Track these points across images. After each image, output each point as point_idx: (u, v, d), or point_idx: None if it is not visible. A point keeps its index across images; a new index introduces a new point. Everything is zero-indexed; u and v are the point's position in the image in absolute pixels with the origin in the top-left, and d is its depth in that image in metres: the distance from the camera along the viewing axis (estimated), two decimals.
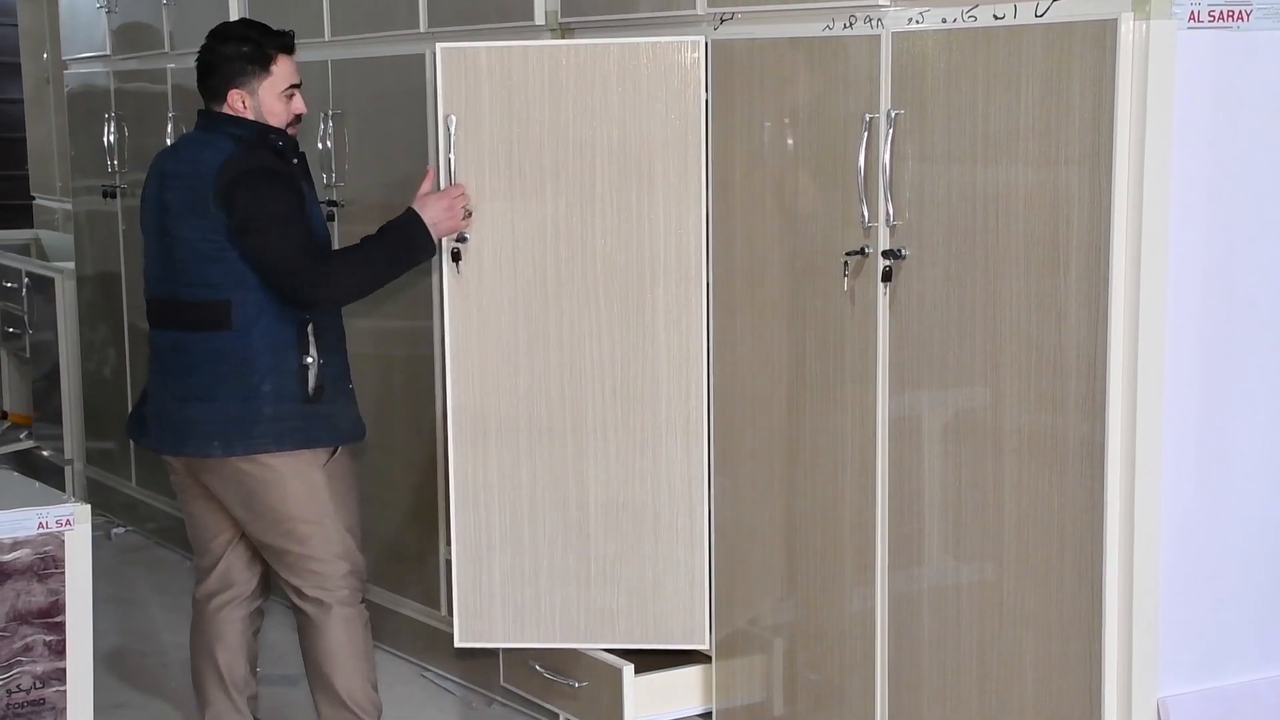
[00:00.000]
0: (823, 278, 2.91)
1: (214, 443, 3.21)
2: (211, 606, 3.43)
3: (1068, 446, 2.54)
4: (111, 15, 5.18)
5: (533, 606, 3.33)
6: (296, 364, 3.21)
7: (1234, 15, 2.47)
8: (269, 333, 3.18)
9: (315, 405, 3.23)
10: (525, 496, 3.30)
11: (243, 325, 3.17)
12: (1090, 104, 2.45)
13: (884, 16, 2.75)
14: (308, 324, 3.21)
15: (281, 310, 3.19)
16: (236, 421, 3.19)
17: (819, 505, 2.98)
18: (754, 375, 3.09)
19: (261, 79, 3.24)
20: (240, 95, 3.24)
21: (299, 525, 3.25)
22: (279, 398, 3.20)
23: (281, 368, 3.20)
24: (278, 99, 3.26)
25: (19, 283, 5.92)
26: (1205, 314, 2.55)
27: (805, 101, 2.92)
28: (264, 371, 3.19)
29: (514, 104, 3.21)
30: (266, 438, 3.20)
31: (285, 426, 3.21)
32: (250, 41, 3.25)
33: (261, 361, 3.19)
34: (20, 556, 3.05)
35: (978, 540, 2.69)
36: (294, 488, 3.23)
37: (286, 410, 3.21)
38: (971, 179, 2.64)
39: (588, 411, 3.27)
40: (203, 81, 3.30)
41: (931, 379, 2.75)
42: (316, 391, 3.22)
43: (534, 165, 3.22)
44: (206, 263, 3.18)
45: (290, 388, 3.21)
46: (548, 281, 3.26)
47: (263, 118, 3.25)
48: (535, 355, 3.27)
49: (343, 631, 3.30)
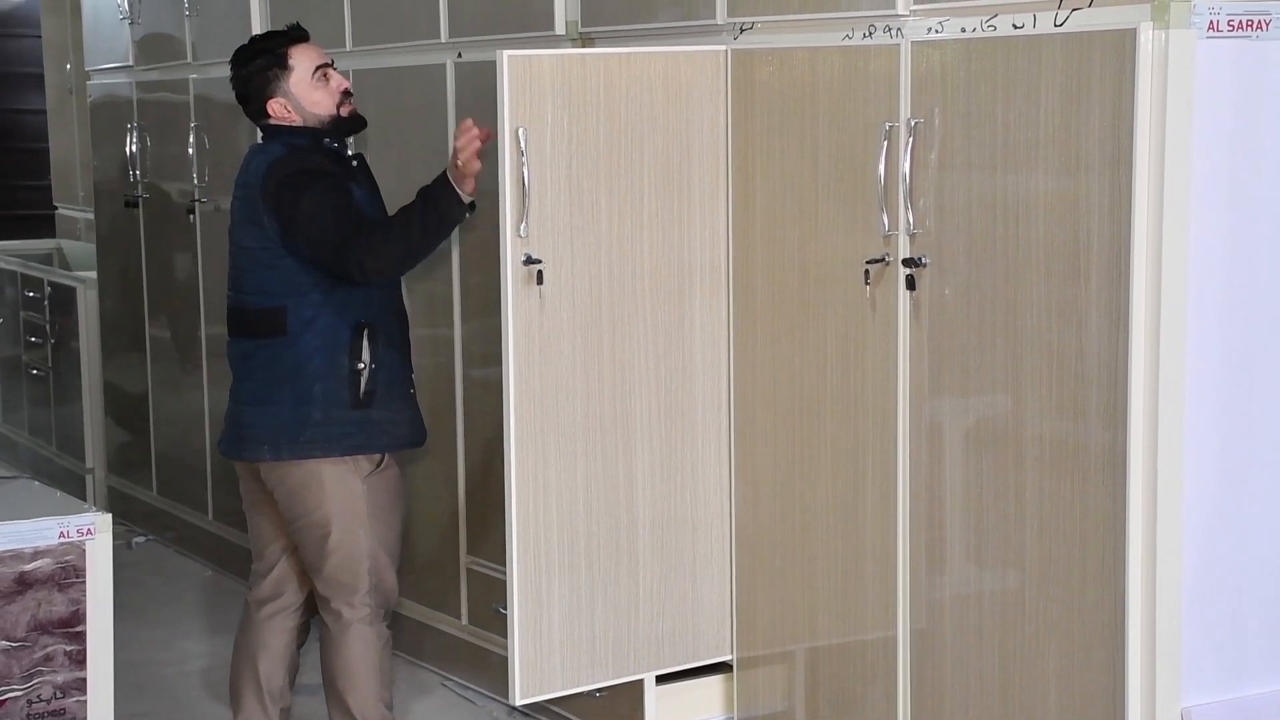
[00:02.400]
0: (843, 286, 2.91)
1: (264, 446, 3.23)
2: (262, 614, 3.41)
3: (1089, 454, 2.54)
4: (134, 26, 5.21)
5: (588, 644, 3.21)
6: (349, 368, 3.20)
7: (1253, 25, 2.47)
8: (322, 337, 3.20)
9: (367, 411, 3.22)
10: (581, 524, 3.18)
11: (297, 330, 3.19)
12: (1110, 113, 2.45)
13: (904, 26, 2.75)
14: (363, 329, 3.21)
15: (336, 315, 3.19)
16: (286, 426, 3.20)
17: (840, 513, 2.98)
18: (775, 384, 3.09)
19: (285, 77, 3.25)
20: (277, 103, 3.26)
21: (330, 535, 3.24)
22: (329, 402, 3.20)
23: (333, 372, 3.20)
24: (311, 87, 3.26)
25: (41, 292, 5.94)
26: (1226, 321, 2.54)
27: (825, 110, 2.92)
28: (315, 376, 3.20)
29: (572, 114, 3.11)
30: (314, 443, 3.20)
31: (334, 432, 3.21)
32: (259, 52, 3.29)
33: (313, 365, 3.20)
34: (41, 566, 3.05)
35: (1000, 548, 2.69)
36: (331, 496, 3.23)
37: (336, 415, 3.21)
38: (992, 187, 2.64)
39: (635, 428, 3.24)
40: (245, 109, 3.34)
41: (952, 387, 2.75)
42: (367, 397, 3.22)
43: (590, 176, 3.16)
44: (262, 270, 3.21)
45: (341, 393, 3.20)
46: (602, 298, 3.18)
47: (309, 112, 3.25)
48: (590, 374, 3.18)
49: (359, 649, 3.28)
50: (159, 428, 5.28)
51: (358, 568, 3.26)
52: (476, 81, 3.77)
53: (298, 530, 3.28)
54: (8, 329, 6.33)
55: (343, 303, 3.20)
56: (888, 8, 2.76)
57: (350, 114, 3.30)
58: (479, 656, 3.91)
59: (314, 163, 3.20)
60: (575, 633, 3.18)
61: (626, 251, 3.19)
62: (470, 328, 3.86)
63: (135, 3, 5.17)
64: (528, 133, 3.02)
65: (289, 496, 3.26)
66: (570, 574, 3.16)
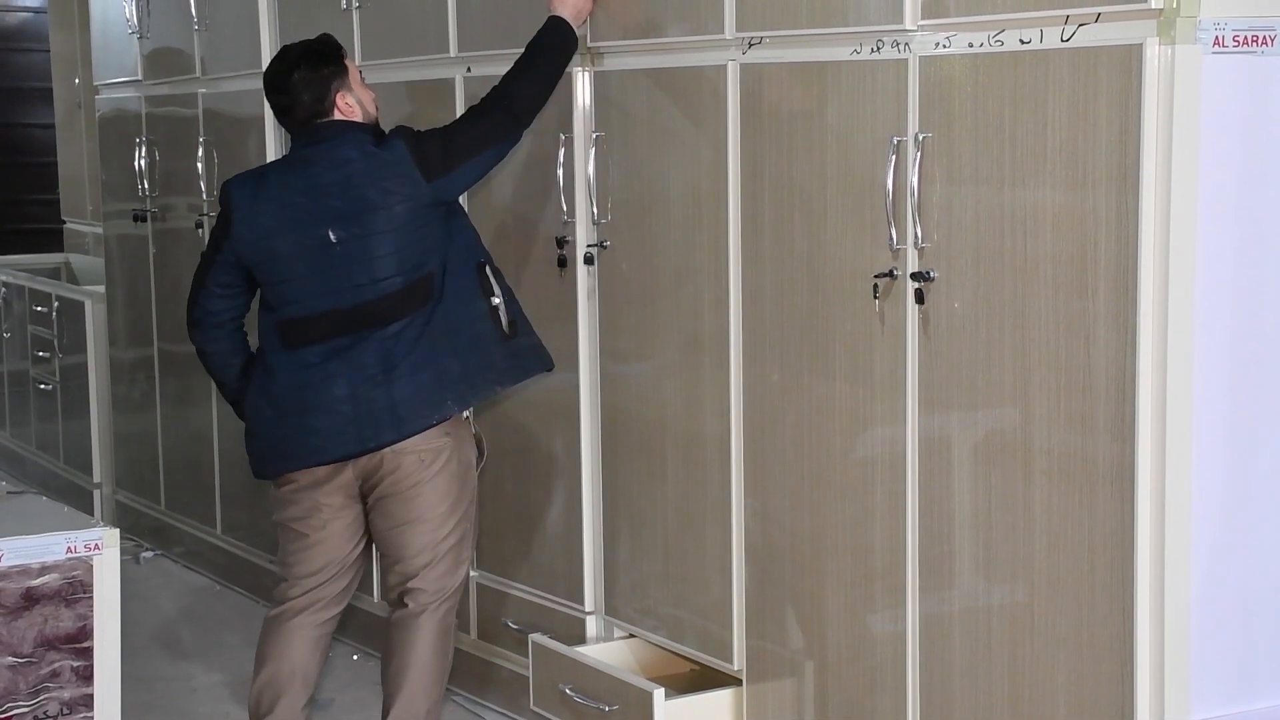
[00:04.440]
0: (852, 300, 2.91)
1: (447, 402, 3.26)
2: (294, 623, 3.36)
3: (1098, 468, 2.54)
4: (143, 41, 5.23)
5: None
6: (487, 307, 3.32)
7: (1259, 40, 2.48)
8: (460, 285, 3.30)
9: (515, 340, 3.35)
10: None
11: (441, 289, 3.28)
12: (1117, 127, 2.46)
13: (911, 41, 2.76)
14: (483, 267, 3.34)
15: (462, 262, 3.31)
16: (459, 376, 3.27)
17: (849, 526, 2.98)
18: (784, 397, 3.10)
19: (346, 79, 3.34)
20: (344, 97, 3.34)
21: (454, 528, 3.32)
22: (490, 342, 3.31)
23: (478, 314, 3.31)
24: (364, 88, 3.40)
25: (49, 307, 5.96)
26: (1233, 334, 2.54)
27: (833, 125, 2.93)
28: (470, 322, 3.29)
29: (648, 125, 3.29)
30: (492, 381, 3.33)
31: (501, 367, 3.33)
32: (315, 53, 3.35)
33: (463, 314, 3.29)
34: (48, 581, 3.05)
35: (1008, 562, 2.69)
36: (460, 487, 3.32)
37: (496, 351, 3.32)
38: (999, 201, 2.65)
39: (665, 432, 3.30)
40: (293, 112, 3.31)
41: (961, 400, 2.75)
42: (511, 326, 3.35)
43: (660, 187, 3.31)
44: (413, 245, 3.24)
45: (493, 331, 3.32)
46: (656, 312, 3.31)
47: (366, 110, 3.37)
48: (647, 384, 3.34)
49: (438, 643, 3.35)
50: (167, 442, 5.28)
51: (461, 565, 3.37)
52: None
53: (409, 528, 3.28)
54: (15, 343, 6.35)
55: (464, 248, 3.33)
56: (896, 22, 2.77)
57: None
58: (488, 671, 3.91)
59: (401, 126, 3.36)
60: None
61: (677, 260, 3.26)
62: None
63: (144, 17, 5.19)
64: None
65: (415, 498, 3.26)
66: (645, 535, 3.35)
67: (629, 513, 3.52)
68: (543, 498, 3.74)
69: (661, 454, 3.41)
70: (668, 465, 3.40)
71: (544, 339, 3.63)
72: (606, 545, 3.60)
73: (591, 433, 3.59)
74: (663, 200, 3.34)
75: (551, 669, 3.51)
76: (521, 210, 3.72)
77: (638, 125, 3.39)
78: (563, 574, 3.70)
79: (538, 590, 3.78)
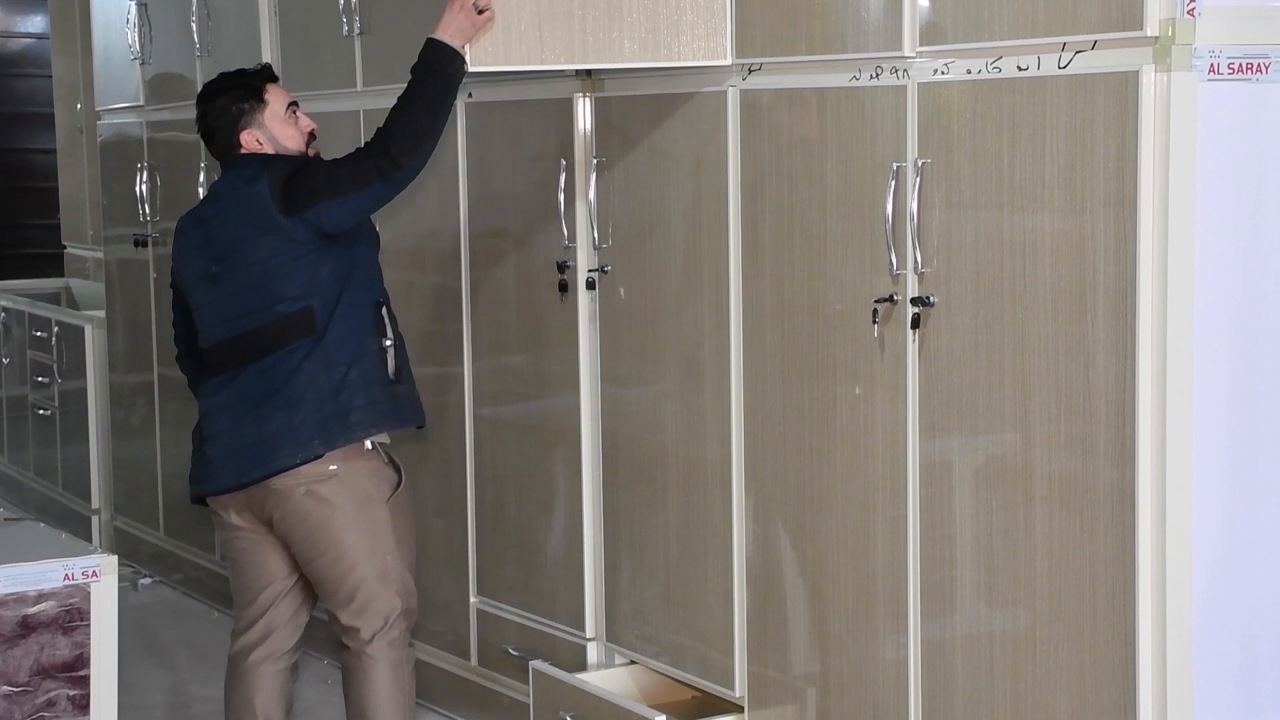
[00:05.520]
0: (852, 325, 2.92)
1: (314, 442, 3.22)
2: (251, 660, 3.38)
3: (1098, 492, 2.54)
4: (145, 66, 5.25)
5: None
6: (376, 347, 3.27)
7: (1253, 67, 2.49)
8: (349, 322, 3.25)
9: (398, 386, 3.30)
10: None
11: (325, 323, 3.23)
12: (1114, 153, 2.47)
13: (910, 67, 2.78)
14: (382, 306, 3.30)
15: (357, 298, 3.26)
16: (332, 414, 3.22)
17: (850, 552, 2.98)
18: (784, 422, 3.10)
19: (261, 111, 3.32)
20: (251, 134, 3.33)
21: (362, 561, 3.24)
22: (368, 383, 3.25)
23: (364, 353, 3.26)
24: (284, 122, 3.34)
25: (49, 332, 5.96)
26: (1233, 357, 2.55)
27: (833, 150, 2.94)
28: (348, 360, 3.24)
29: (649, 150, 3.26)
30: (364, 423, 3.24)
31: (378, 410, 3.26)
32: (235, 86, 3.36)
33: (344, 351, 3.24)
34: (45, 609, 3.03)
35: (1010, 588, 2.69)
36: (359, 521, 3.23)
37: (376, 394, 3.26)
38: (998, 227, 2.66)
39: (667, 457, 3.28)
40: (212, 143, 3.39)
41: (961, 425, 2.75)
42: (397, 373, 3.30)
43: (661, 212, 3.29)
44: (283, 279, 3.22)
45: (375, 371, 3.27)
46: (657, 337, 3.27)
47: (281, 145, 3.33)
48: (647, 409, 3.29)
49: (390, 676, 3.27)
50: (166, 468, 5.28)
51: (389, 592, 3.26)
52: (487, 120, 3.80)
53: (321, 567, 3.26)
54: (15, 369, 6.34)
55: (360, 285, 3.27)
56: (894, 49, 2.78)
57: (315, 155, 3.37)
58: (489, 698, 3.90)
59: (297, 161, 3.29)
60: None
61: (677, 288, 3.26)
62: (480, 366, 3.88)
63: (146, 43, 5.21)
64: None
65: (311, 533, 3.24)
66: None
67: (630, 538, 3.52)
68: (543, 523, 3.74)
69: (662, 479, 3.41)
70: (669, 490, 3.40)
71: (545, 363, 3.64)
72: (607, 571, 3.59)
73: (592, 457, 3.59)
74: (663, 225, 3.35)
75: (552, 696, 3.50)
76: (522, 235, 3.73)
77: (638, 150, 3.40)
78: (563, 600, 3.70)
79: (538, 616, 3.77)
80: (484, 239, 3.83)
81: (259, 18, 4.53)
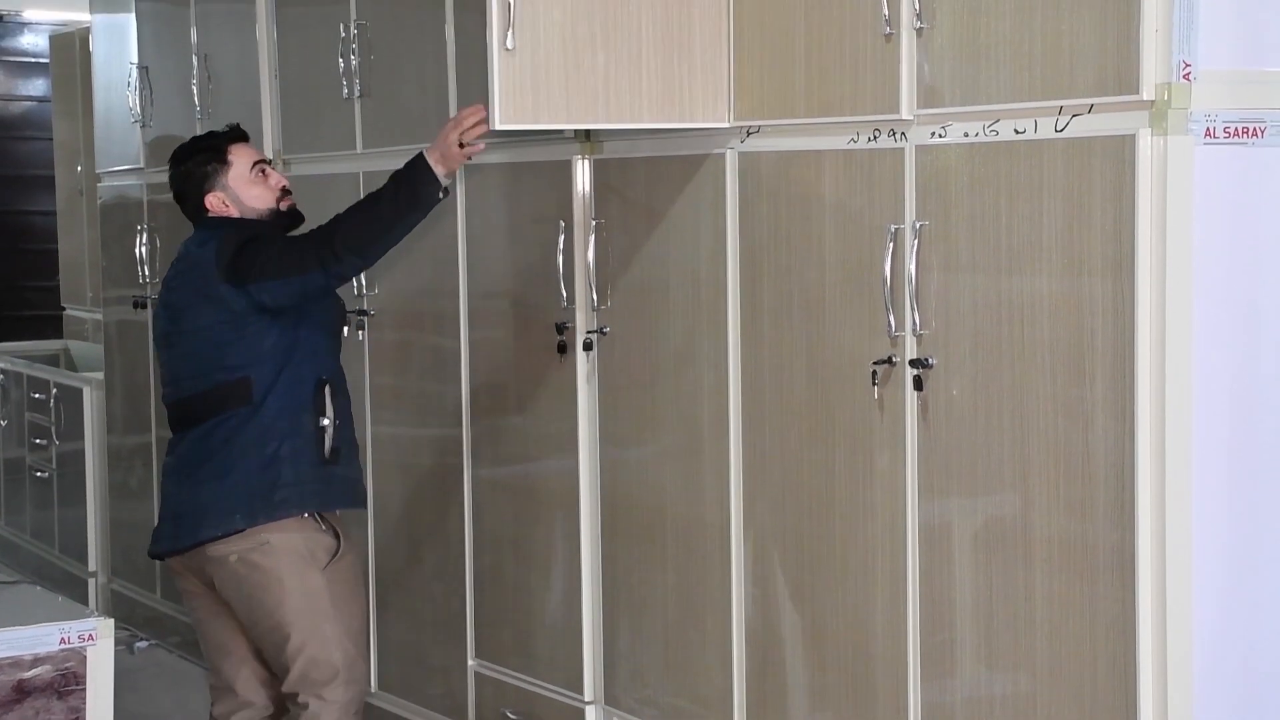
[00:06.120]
0: (851, 386, 2.92)
1: (235, 515, 3.19)
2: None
3: (1098, 555, 2.53)
4: (146, 129, 5.28)
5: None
6: (313, 426, 3.23)
7: (1248, 131, 2.51)
8: (286, 397, 3.22)
9: (333, 467, 3.24)
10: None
11: (261, 395, 3.20)
12: (1112, 216, 2.48)
13: (908, 130, 2.79)
14: (324, 385, 3.25)
15: (298, 374, 3.23)
16: (258, 489, 3.19)
17: (850, 615, 2.96)
18: (784, 483, 3.09)
19: (225, 172, 3.34)
20: (216, 197, 3.35)
21: (293, 635, 3.20)
22: (298, 460, 3.21)
23: (299, 430, 3.22)
24: (251, 182, 3.35)
25: (47, 393, 5.96)
26: (1231, 420, 2.55)
27: (831, 212, 2.95)
28: (283, 435, 3.21)
29: (648, 211, 3.29)
30: (288, 502, 3.19)
31: (306, 490, 3.21)
32: (199, 149, 3.39)
33: (280, 426, 3.21)
34: (40, 673, 3.01)
35: (1010, 651, 2.67)
36: (291, 594, 3.19)
37: (306, 473, 3.21)
38: (996, 289, 2.66)
39: (666, 519, 3.27)
40: (182, 205, 3.42)
41: (961, 487, 2.75)
42: (333, 454, 3.24)
43: (659, 273, 3.31)
44: (223, 347, 3.22)
45: (308, 450, 3.22)
46: (656, 398, 3.27)
47: (247, 206, 3.34)
48: (646, 470, 3.29)
49: None
50: None
51: (329, 660, 3.21)
52: (487, 182, 3.81)
53: (261, 631, 3.23)
54: (13, 430, 6.34)
55: (303, 361, 3.24)
56: (892, 112, 2.80)
57: (289, 208, 3.39)
58: None
59: (254, 230, 3.29)
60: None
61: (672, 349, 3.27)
62: (479, 427, 3.87)
63: (147, 105, 5.24)
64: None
65: (247, 600, 3.22)
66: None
67: (629, 600, 3.51)
68: (541, 584, 3.72)
69: (661, 540, 3.40)
70: (667, 551, 3.39)
71: (543, 424, 3.63)
72: (606, 633, 3.57)
73: (591, 518, 3.58)
74: (662, 287, 3.36)
75: None
76: (521, 296, 3.73)
77: (637, 212, 3.42)
78: (562, 662, 3.67)
79: (536, 679, 3.75)
80: (483, 300, 3.83)
81: (260, 80, 4.56)
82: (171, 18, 5.08)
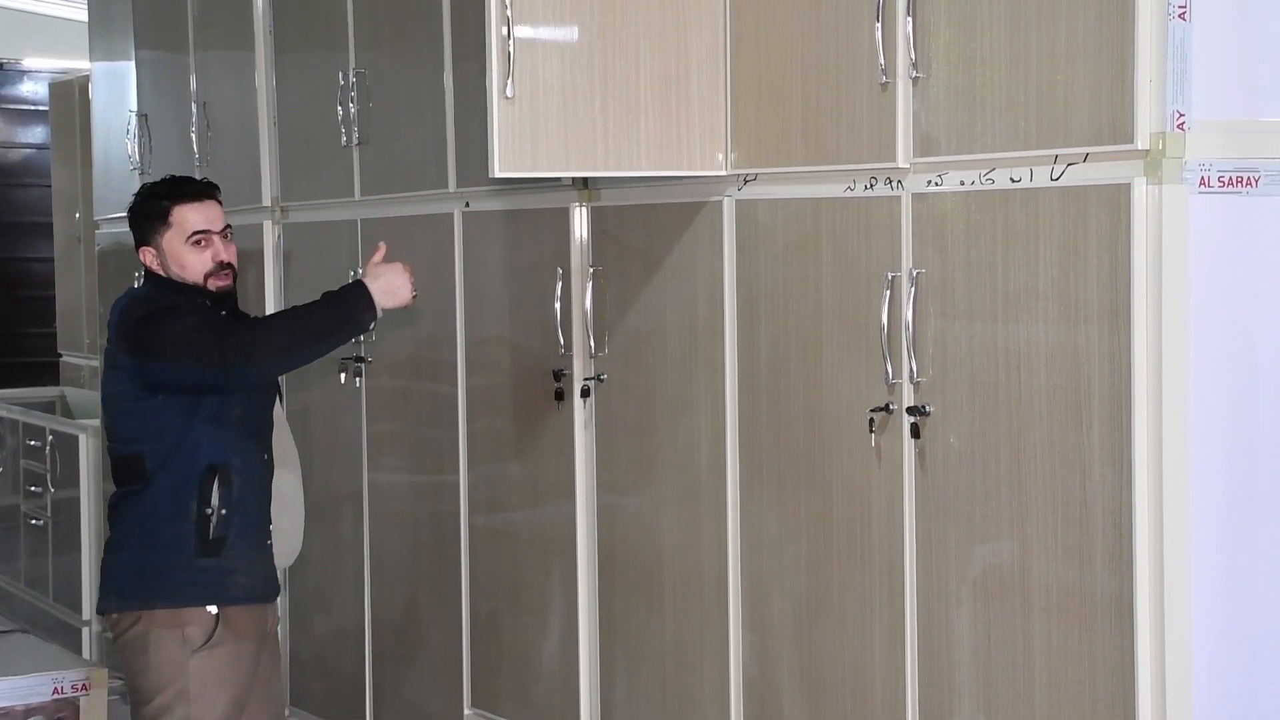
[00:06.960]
0: (848, 434, 2.92)
1: (111, 597, 3.15)
2: None
3: (1096, 603, 2.53)
4: (144, 176, 5.29)
5: None
6: (197, 513, 3.10)
7: (1242, 181, 2.53)
8: (172, 480, 3.11)
9: (217, 559, 3.11)
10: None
11: (152, 474, 3.12)
12: (1107, 264, 2.50)
13: (904, 178, 2.81)
14: (215, 472, 3.11)
15: (189, 458, 3.11)
16: (134, 573, 3.12)
17: (848, 662, 2.95)
18: (781, 531, 3.09)
19: (162, 232, 3.21)
20: (149, 252, 3.24)
21: (148, 706, 3.08)
22: (176, 549, 3.11)
23: (182, 516, 3.11)
24: (186, 249, 3.18)
25: (42, 440, 5.95)
26: (1229, 467, 2.55)
27: (828, 260, 2.97)
28: (164, 520, 3.11)
29: (645, 258, 3.28)
30: (155, 594, 3.08)
31: (180, 578, 3.10)
32: (150, 197, 3.26)
33: (163, 510, 3.12)
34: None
35: (1009, 699, 2.66)
36: (154, 665, 3.08)
37: (183, 562, 3.10)
38: (993, 336, 2.67)
39: (663, 566, 3.25)
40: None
41: (958, 535, 2.75)
42: (217, 544, 3.11)
43: (657, 320, 3.30)
44: (119, 418, 3.17)
45: (189, 539, 3.10)
46: (653, 445, 3.27)
47: (174, 271, 3.20)
48: (644, 517, 3.27)
49: None
50: None
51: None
52: (484, 229, 3.83)
53: (133, 712, 3.15)
54: (8, 478, 6.32)
55: (197, 445, 3.11)
56: (889, 160, 2.82)
57: (219, 290, 3.21)
58: None
59: (171, 300, 3.14)
60: None
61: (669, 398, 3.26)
62: (476, 474, 3.87)
63: (146, 153, 5.26)
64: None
65: (123, 660, 3.16)
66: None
67: (626, 648, 3.49)
68: (539, 632, 3.71)
69: (659, 588, 3.39)
70: (665, 599, 3.38)
71: (540, 471, 3.63)
72: (603, 681, 3.56)
73: (588, 566, 3.57)
74: (659, 334, 3.37)
75: None
76: (518, 343, 3.74)
77: (635, 259, 3.43)
78: (559, 710, 3.66)
79: None
80: (480, 346, 3.84)
81: (259, 128, 4.58)
82: (171, 66, 5.11)
